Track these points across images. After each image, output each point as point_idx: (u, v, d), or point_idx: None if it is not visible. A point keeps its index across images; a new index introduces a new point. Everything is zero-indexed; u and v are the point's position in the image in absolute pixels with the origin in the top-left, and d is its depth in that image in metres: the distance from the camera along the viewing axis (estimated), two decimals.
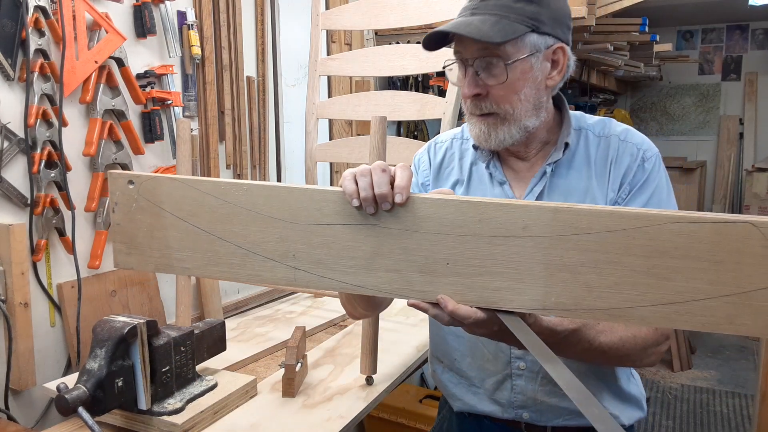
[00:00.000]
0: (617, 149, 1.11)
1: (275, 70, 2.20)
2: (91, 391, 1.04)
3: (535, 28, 1.02)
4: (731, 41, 5.55)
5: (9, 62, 1.37)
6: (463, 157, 1.21)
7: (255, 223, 0.93)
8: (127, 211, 0.98)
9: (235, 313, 1.95)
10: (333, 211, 0.91)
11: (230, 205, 0.94)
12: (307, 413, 1.22)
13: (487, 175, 1.16)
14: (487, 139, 1.08)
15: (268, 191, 0.93)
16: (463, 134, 1.24)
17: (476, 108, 1.07)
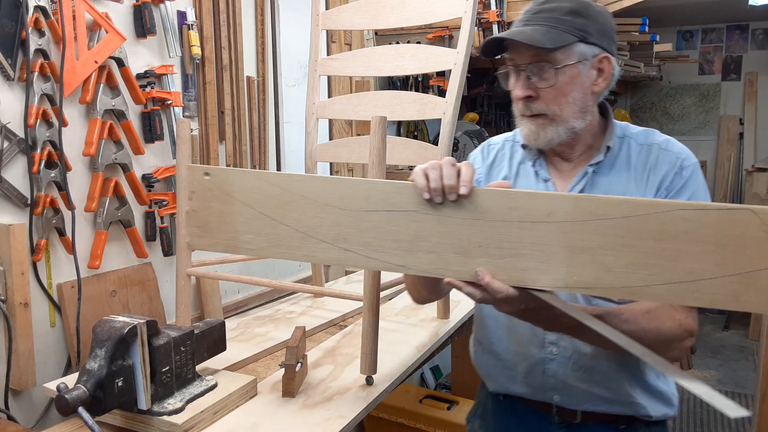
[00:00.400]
0: (657, 156, 1.18)
1: (275, 70, 2.20)
2: (91, 391, 1.04)
3: (583, 38, 1.13)
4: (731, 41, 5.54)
5: (9, 62, 1.37)
6: (512, 157, 1.31)
7: (312, 209, 1.05)
8: (202, 199, 1.10)
9: (235, 313, 1.95)
10: (379, 200, 1.02)
11: (291, 194, 1.06)
12: (307, 413, 1.22)
13: (533, 172, 1.26)
14: (536, 138, 1.18)
15: (323, 182, 1.05)
16: (514, 138, 1.33)
17: (527, 109, 1.17)
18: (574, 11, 1.13)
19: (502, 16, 2.61)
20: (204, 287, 1.88)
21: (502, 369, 1.29)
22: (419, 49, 1.74)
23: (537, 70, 1.13)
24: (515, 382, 1.28)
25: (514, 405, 1.32)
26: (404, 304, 1.94)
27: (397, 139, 1.76)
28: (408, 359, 1.49)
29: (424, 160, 1.67)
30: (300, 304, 1.96)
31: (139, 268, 1.71)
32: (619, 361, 1.19)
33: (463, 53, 1.61)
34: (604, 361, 1.20)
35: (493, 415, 1.37)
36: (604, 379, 1.20)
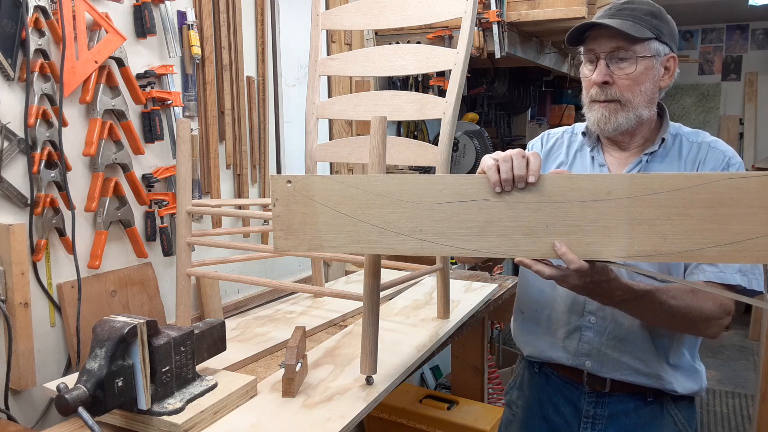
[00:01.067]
0: (706, 153, 1.32)
1: (275, 70, 2.20)
2: (91, 391, 1.04)
3: (658, 36, 1.28)
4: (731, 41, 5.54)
5: (9, 62, 1.37)
6: (569, 146, 1.44)
7: (389, 206, 1.13)
8: (285, 204, 1.16)
9: (235, 313, 1.95)
10: (451, 192, 1.11)
11: (368, 194, 1.13)
12: (307, 413, 1.22)
13: (590, 158, 1.38)
14: (607, 122, 1.29)
15: (398, 180, 1.13)
16: (573, 130, 1.47)
17: (602, 93, 1.28)
18: (651, 13, 1.29)
19: (502, 16, 2.61)
20: (204, 287, 1.88)
21: (542, 334, 1.43)
22: (419, 49, 1.74)
23: (617, 59, 1.26)
24: (553, 346, 1.41)
25: (549, 376, 1.47)
26: (404, 304, 1.94)
27: (397, 139, 1.76)
28: (408, 359, 1.49)
29: (424, 160, 1.68)
30: (300, 304, 1.95)
31: (139, 268, 1.71)
32: (652, 335, 1.31)
33: (463, 53, 1.60)
34: (638, 333, 1.31)
35: (529, 386, 1.52)
36: (635, 350, 1.32)
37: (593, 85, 1.28)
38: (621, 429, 1.37)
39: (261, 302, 2.05)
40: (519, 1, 2.63)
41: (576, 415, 1.40)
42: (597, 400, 1.38)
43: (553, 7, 2.56)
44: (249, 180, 2.09)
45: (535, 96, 4.40)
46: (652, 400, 1.36)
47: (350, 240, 1.14)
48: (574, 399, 1.42)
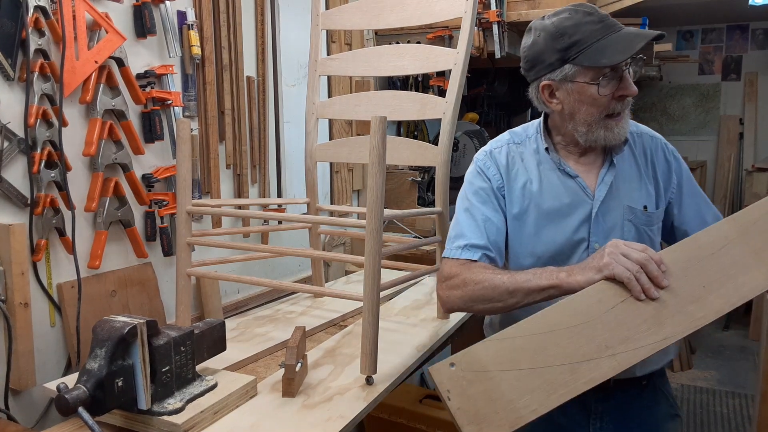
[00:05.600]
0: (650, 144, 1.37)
1: (275, 70, 2.20)
2: (91, 391, 1.04)
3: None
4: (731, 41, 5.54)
5: (9, 62, 1.37)
6: (524, 160, 1.38)
7: (562, 338, 1.08)
8: (461, 392, 1.06)
9: (235, 313, 1.95)
10: (608, 296, 1.10)
11: (537, 336, 1.08)
12: (307, 413, 1.22)
13: (557, 171, 1.34)
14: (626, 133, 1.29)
15: (557, 308, 1.10)
16: (513, 140, 1.41)
17: (626, 105, 1.28)
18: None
19: (502, 16, 2.61)
20: (204, 287, 1.88)
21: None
22: (419, 49, 1.74)
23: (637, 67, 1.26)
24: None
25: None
26: (404, 304, 1.94)
27: (397, 139, 1.76)
28: (408, 359, 1.49)
29: (424, 159, 1.68)
30: (300, 304, 1.95)
31: (139, 268, 1.70)
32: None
33: (463, 53, 1.60)
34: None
35: None
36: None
37: (615, 99, 1.25)
38: (627, 417, 1.37)
39: (261, 302, 2.05)
40: (519, 1, 2.63)
41: (584, 413, 1.38)
42: (604, 395, 1.35)
43: (553, 7, 2.55)
44: (249, 180, 2.09)
45: None
46: (646, 383, 1.38)
47: (547, 392, 1.05)
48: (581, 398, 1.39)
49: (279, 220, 1.84)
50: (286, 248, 1.62)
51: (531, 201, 1.33)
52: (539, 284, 1.18)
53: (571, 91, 1.27)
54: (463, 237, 1.34)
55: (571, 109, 1.28)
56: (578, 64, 1.23)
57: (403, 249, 1.66)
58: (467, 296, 1.27)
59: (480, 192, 1.37)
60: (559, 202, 1.32)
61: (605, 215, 1.31)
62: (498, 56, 2.62)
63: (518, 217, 1.34)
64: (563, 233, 1.31)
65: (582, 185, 1.32)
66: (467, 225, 1.35)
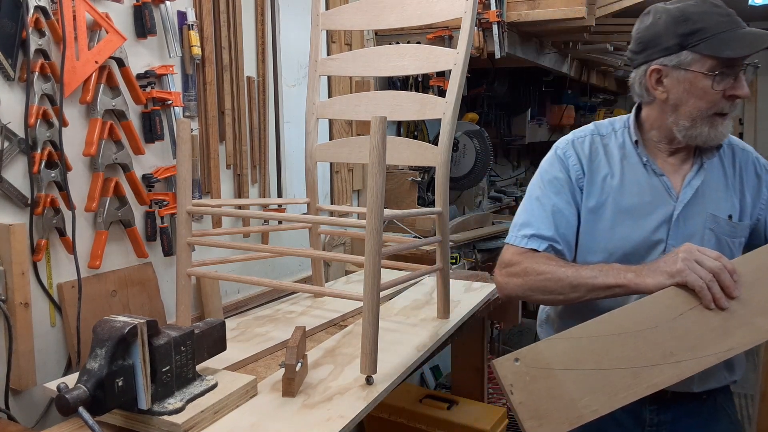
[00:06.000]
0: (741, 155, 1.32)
1: (275, 70, 2.20)
2: (91, 391, 1.04)
3: None
4: None
5: (9, 62, 1.37)
6: (606, 153, 1.33)
7: (627, 342, 1.07)
8: (523, 388, 1.07)
9: (235, 313, 1.95)
10: (677, 303, 1.09)
11: (602, 338, 1.08)
12: (307, 413, 1.22)
13: (642, 167, 1.30)
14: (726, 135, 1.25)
15: (627, 311, 1.10)
16: (598, 131, 1.36)
17: (734, 107, 1.24)
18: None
19: (502, 16, 2.60)
20: (204, 287, 1.88)
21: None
22: (419, 49, 1.74)
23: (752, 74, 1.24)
24: None
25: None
26: (404, 304, 1.94)
27: (397, 139, 1.76)
28: (408, 359, 1.49)
29: (424, 159, 1.68)
30: (300, 304, 1.95)
31: (140, 268, 1.71)
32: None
33: (463, 53, 1.60)
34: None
35: None
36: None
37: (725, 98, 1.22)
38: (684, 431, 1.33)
39: (261, 302, 2.05)
40: (519, 1, 2.63)
41: (638, 425, 1.34)
42: (659, 407, 1.32)
43: (553, 7, 2.56)
44: (249, 180, 2.09)
45: (535, 96, 4.39)
46: (706, 398, 1.32)
47: (609, 394, 1.06)
48: (635, 410, 1.33)
49: (279, 220, 1.84)
50: (286, 248, 1.62)
51: (609, 195, 1.29)
52: (605, 282, 1.16)
53: (681, 79, 1.22)
54: (530, 226, 1.30)
55: (677, 99, 1.23)
56: (698, 52, 1.18)
57: (403, 249, 1.66)
58: (527, 285, 1.26)
59: (555, 181, 1.33)
60: (640, 199, 1.28)
61: (686, 219, 1.26)
62: (498, 56, 2.62)
63: (594, 211, 1.30)
64: (640, 232, 1.26)
65: (667, 185, 1.28)
66: (536, 214, 1.31)
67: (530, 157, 5.23)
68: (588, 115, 4.90)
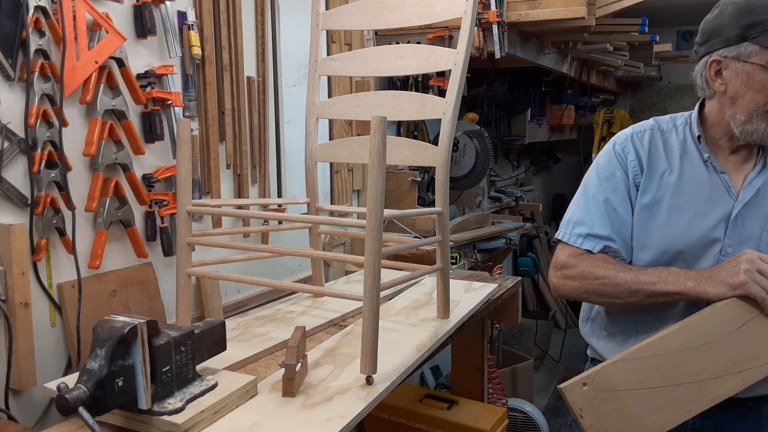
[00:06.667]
0: None
1: (275, 70, 2.20)
2: (91, 391, 1.04)
3: None
4: None
5: (9, 62, 1.37)
6: (666, 149, 1.30)
7: (692, 357, 1.08)
8: (592, 411, 1.10)
9: (235, 313, 1.95)
10: (739, 314, 1.09)
11: (668, 355, 1.09)
12: (307, 413, 1.22)
13: (702, 164, 1.27)
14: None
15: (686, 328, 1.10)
16: (659, 126, 1.34)
17: None
18: None
19: (502, 16, 2.60)
20: (204, 287, 1.88)
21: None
22: (419, 49, 1.74)
23: None
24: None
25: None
26: (404, 304, 1.94)
27: (397, 139, 1.76)
28: (408, 359, 1.49)
29: (424, 160, 1.68)
30: (300, 304, 1.95)
31: (140, 268, 1.71)
32: None
33: (463, 53, 1.61)
34: None
35: None
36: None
37: None
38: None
39: (261, 302, 2.05)
40: (519, 1, 2.63)
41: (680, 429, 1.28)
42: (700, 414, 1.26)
43: (553, 7, 2.56)
44: (249, 180, 2.09)
45: (535, 96, 4.39)
46: (751, 405, 1.30)
47: (674, 409, 1.09)
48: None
49: (279, 220, 1.84)
50: (286, 248, 1.62)
51: (666, 191, 1.27)
52: (665, 289, 1.16)
53: (740, 72, 1.20)
54: (584, 224, 1.29)
55: (734, 92, 1.21)
56: (758, 44, 1.16)
57: (403, 249, 1.66)
58: (584, 289, 1.25)
59: (611, 178, 1.31)
60: (698, 196, 1.25)
61: (745, 220, 1.23)
62: (498, 56, 2.62)
63: (649, 207, 1.27)
64: (697, 230, 1.23)
65: (727, 183, 1.25)
66: (591, 211, 1.29)
67: (530, 157, 5.23)
68: (588, 115, 4.90)
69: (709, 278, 1.13)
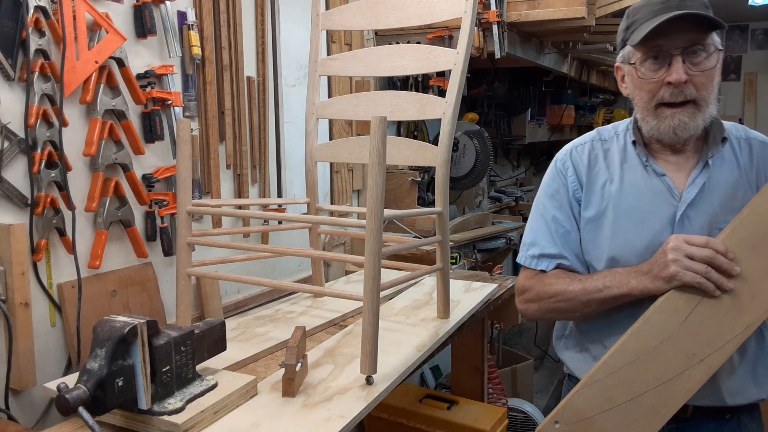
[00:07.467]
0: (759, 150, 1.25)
1: (275, 70, 2.20)
2: (91, 391, 1.04)
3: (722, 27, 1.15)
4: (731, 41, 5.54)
5: (9, 62, 1.37)
6: (606, 158, 1.30)
7: (649, 362, 1.07)
8: None
9: (235, 313, 1.95)
10: (682, 305, 1.07)
11: (623, 370, 1.08)
12: (307, 413, 1.22)
13: (642, 169, 1.25)
14: (684, 130, 1.17)
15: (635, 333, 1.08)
16: (600, 136, 1.33)
17: (679, 95, 1.15)
18: (706, 4, 1.17)
19: (502, 16, 2.60)
20: (204, 287, 1.88)
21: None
22: (419, 49, 1.74)
23: (691, 53, 1.14)
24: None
25: None
26: (404, 304, 1.94)
27: (397, 139, 1.76)
28: (408, 359, 1.49)
29: (424, 160, 1.68)
30: (300, 304, 1.96)
31: (140, 268, 1.71)
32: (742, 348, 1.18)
33: (463, 53, 1.61)
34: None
35: None
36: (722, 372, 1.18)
37: (664, 86, 1.16)
38: None
39: (261, 302, 2.05)
40: (519, 1, 2.63)
41: None
42: (678, 426, 1.23)
43: (553, 7, 2.56)
44: (249, 180, 2.09)
45: (535, 96, 4.39)
46: (730, 417, 1.26)
47: (649, 418, 1.07)
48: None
49: (279, 220, 1.84)
50: (286, 248, 1.62)
51: (610, 202, 1.25)
52: (612, 294, 1.16)
53: (629, 73, 1.23)
54: (536, 245, 1.30)
55: (631, 94, 1.24)
56: (630, 44, 1.19)
57: (403, 249, 1.66)
58: (545, 309, 1.26)
59: (556, 195, 1.31)
60: (640, 201, 1.23)
61: (691, 220, 1.20)
62: (498, 56, 2.62)
63: (594, 220, 1.26)
64: (643, 236, 1.21)
65: (669, 185, 1.22)
66: (541, 231, 1.30)
67: (530, 157, 5.23)
68: (588, 115, 4.90)
69: (646, 274, 1.12)
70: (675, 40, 1.14)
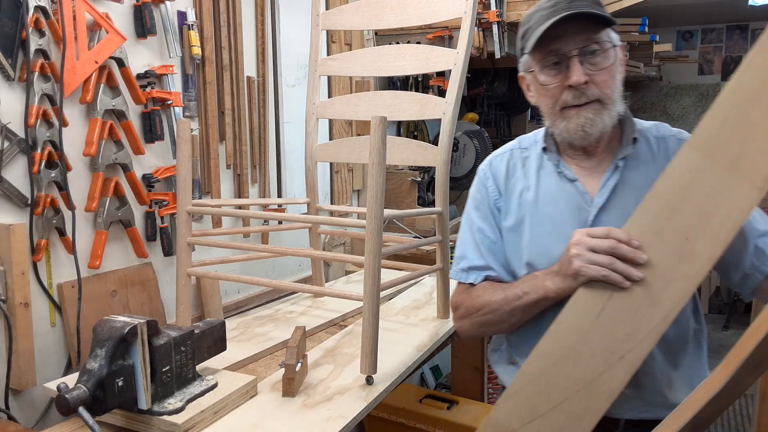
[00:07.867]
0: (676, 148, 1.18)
1: (275, 70, 2.20)
2: (91, 391, 1.04)
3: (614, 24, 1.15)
4: (731, 41, 5.54)
5: (9, 62, 1.37)
6: (525, 166, 1.29)
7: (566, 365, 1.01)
8: None
9: (235, 313, 1.95)
10: (592, 302, 1.01)
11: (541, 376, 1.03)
12: (307, 413, 1.22)
13: (556, 175, 1.24)
14: (592, 126, 1.15)
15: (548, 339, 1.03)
16: (520, 144, 1.33)
17: (582, 96, 1.14)
18: (598, 2, 1.15)
19: (502, 16, 2.61)
20: (204, 287, 1.88)
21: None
22: (419, 49, 1.74)
23: (588, 54, 1.13)
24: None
25: None
26: (404, 304, 1.94)
27: (397, 139, 1.76)
28: (408, 359, 1.49)
29: (424, 160, 1.68)
30: (300, 304, 1.96)
31: (140, 268, 1.71)
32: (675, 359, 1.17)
33: (463, 53, 1.61)
34: (660, 361, 1.17)
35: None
36: (655, 383, 1.17)
37: (566, 90, 1.14)
38: None
39: (261, 302, 2.06)
40: (519, 1, 2.63)
41: None
42: None
43: None
44: (249, 180, 2.09)
45: None
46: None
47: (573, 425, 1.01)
48: None
49: (279, 220, 1.84)
50: (286, 248, 1.62)
51: (527, 210, 1.24)
52: (531, 299, 1.14)
53: (531, 82, 1.21)
54: (464, 258, 1.28)
55: (537, 101, 1.22)
56: (526, 52, 1.18)
57: (403, 249, 1.66)
58: (476, 324, 1.23)
59: (481, 206, 1.30)
60: (555, 208, 1.21)
61: (605, 224, 1.15)
62: (498, 56, 2.62)
63: (514, 229, 1.25)
64: (559, 243, 1.16)
65: (580, 190, 1.20)
66: (468, 243, 1.29)
67: None
68: None
69: (557, 274, 1.10)
70: (569, 41, 1.12)
